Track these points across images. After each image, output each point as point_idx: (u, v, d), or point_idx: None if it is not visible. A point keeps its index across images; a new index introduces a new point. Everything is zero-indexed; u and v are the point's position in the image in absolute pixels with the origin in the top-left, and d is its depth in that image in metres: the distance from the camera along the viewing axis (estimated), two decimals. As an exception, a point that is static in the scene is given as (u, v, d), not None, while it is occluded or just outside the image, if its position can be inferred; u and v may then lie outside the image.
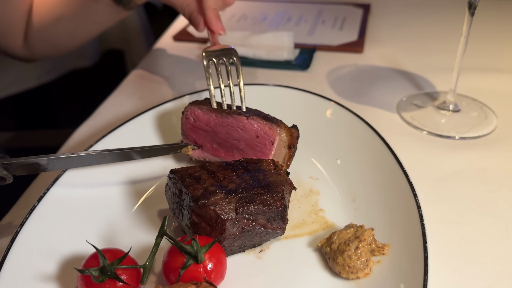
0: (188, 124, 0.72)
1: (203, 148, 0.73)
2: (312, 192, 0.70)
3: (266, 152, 0.69)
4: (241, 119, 0.69)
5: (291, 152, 0.70)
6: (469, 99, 0.95)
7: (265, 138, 0.69)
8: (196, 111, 0.71)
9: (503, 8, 1.41)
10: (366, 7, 1.45)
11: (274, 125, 0.69)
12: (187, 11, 0.87)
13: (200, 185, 0.57)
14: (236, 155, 0.71)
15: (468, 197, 0.71)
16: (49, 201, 0.61)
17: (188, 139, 0.73)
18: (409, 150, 0.81)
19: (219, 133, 0.71)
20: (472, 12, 0.80)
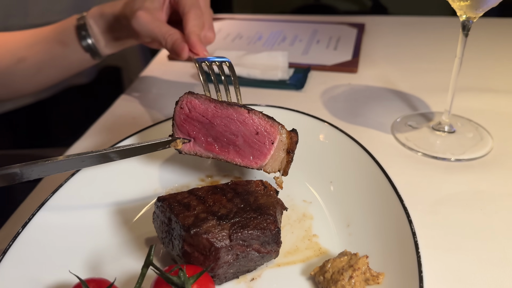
0: (182, 114, 0.66)
1: (196, 142, 0.67)
2: (306, 217, 0.68)
3: (264, 151, 0.65)
4: (242, 112, 0.64)
5: (289, 157, 0.66)
6: (464, 120, 0.94)
7: (265, 136, 0.64)
8: (193, 100, 0.65)
9: (496, 29, 1.41)
10: (360, 27, 1.45)
11: (276, 123, 0.65)
12: (169, 40, 0.85)
13: (190, 213, 0.55)
14: (231, 152, 0.66)
15: (465, 221, 0.70)
16: (34, 227, 0.59)
17: (180, 131, 0.67)
18: (404, 172, 0.80)
19: (216, 126, 0.65)
20: (466, 33, 0.80)
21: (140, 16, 0.86)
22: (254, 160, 0.65)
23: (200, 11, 0.87)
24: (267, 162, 0.66)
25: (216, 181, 0.77)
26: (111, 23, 0.96)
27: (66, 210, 0.65)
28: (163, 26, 0.86)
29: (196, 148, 0.67)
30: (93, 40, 0.97)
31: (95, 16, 0.96)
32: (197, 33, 0.83)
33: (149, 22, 0.86)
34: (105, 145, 0.85)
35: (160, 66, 1.27)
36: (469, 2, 0.74)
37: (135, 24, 0.86)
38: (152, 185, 0.75)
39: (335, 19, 1.57)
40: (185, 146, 0.67)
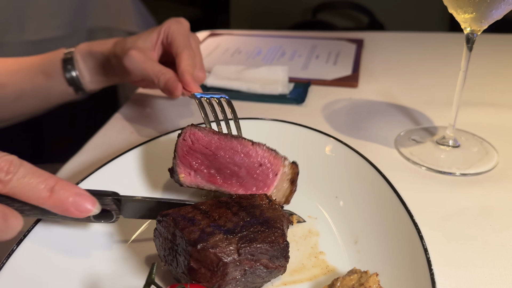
0: (185, 146, 0.65)
1: (198, 174, 0.66)
2: (311, 233, 0.66)
3: (267, 183, 0.66)
4: (246, 144, 0.65)
5: (293, 187, 0.67)
6: (469, 134, 0.93)
7: (269, 167, 0.65)
8: (196, 132, 0.65)
9: (499, 45, 1.42)
10: (359, 42, 1.45)
11: (279, 155, 0.66)
12: (162, 79, 0.85)
13: (195, 227, 0.53)
14: (234, 183, 0.66)
15: (474, 237, 0.68)
16: (28, 245, 0.57)
17: (181, 163, 0.65)
18: (410, 187, 0.79)
19: (219, 158, 0.65)
20: (470, 46, 0.79)
21: (132, 55, 0.87)
22: (257, 192, 0.66)
23: (193, 52, 0.89)
24: (270, 194, 0.66)
25: (217, 195, 0.75)
26: (99, 61, 0.96)
27: (62, 227, 0.62)
28: (155, 65, 0.87)
29: (198, 180, 0.66)
30: (78, 75, 0.97)
31: (83, 53, 0.97)
32: (190, 72, 0.84)
33: (142, 61, 0.87)
34: (100, 161, 0.83)
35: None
36: (473, 15, 0.73)
37: (128, 63, 0.87)
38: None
39: (333, 35, 1.57)
40: (186, 179, 0.66)
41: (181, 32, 0.91)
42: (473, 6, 0.71)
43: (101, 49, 0.95)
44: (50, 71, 0.96)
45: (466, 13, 0.73)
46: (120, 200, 0.60)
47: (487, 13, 0.72)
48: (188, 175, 0.65)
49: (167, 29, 0.91)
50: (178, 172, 0.65)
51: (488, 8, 0.71)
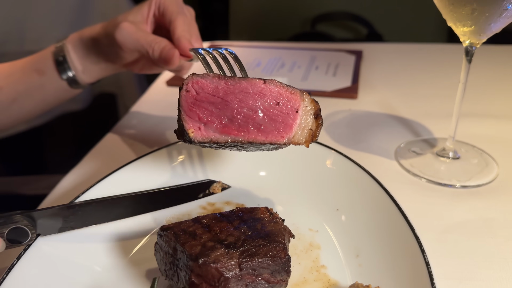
0: (189, 98, 0.57)
1: (209, 127, 0.57)
2: (313, 246, 0.66)
3: (288, 122, 0.58)
4: (258, 83, 0.57)
5: (319, 121, 0.59)
6: (468, 146, 0.93)
7: (287, 104, 0.58)
8: (199, 80, 0.57)
9: (498, 56, 1.43)
10: (358, 53, 1.46)
11: (296, 90, 0.59)
12: (157, 48, 0.80)
13: (196, 241, 0.53)
14: (252, 130, 0.57)
15: (475, 250, 0.68)
16: (29, 261, 0.57)
17: (189, 117, 0.57)
18: (410, 199, 0.78)
19: (230, 104, 0.57)
20: (469, 59, 0.79)
21: (124, 26, 0.82)
22: (280, 134, 0.58)
23: (188, 19, 0.84)
24: (294, 133, 0.59)
25: (218, 208, 0.75)
26: (90, 46, 0.92)
27: (62, 242, 0.62)
28: (148, 35, 0.83)
29: (210, 134, 0.57)
30: (70, 65, 0.93)
31: (74, 41, 0.93)
32: (187, 37, 0.80)
33: (133, 32, 0.82)
34: (102, 173, 0.83)
35: (158, 93, 1.26)
36: (472, 28, 0.74)
37: (119, 35, 0.82)
38: (151, 214, 0.72)
39: (332, 46, 1.58)
40: (196, 134, 0.57)
41: (174, 0, 0.86)
42: (472, 19, 0.72)
43: (90, 32, 0.91)
44: (43, 68, 0.93)
45: (465, 26, 0.74)
46: (31, 215, 0.58)
47: (486, 26, 0.72)
48: (198, 130, 0.57)
49: (158, 0, 0.87)
50: (187, 129, 0.57)
51: (486, 22, 0.71)
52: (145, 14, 0.87)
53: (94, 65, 0.94)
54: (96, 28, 0.90)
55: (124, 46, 0.83)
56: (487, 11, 0.69)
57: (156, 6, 0.87)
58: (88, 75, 0.95)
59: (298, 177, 0.77)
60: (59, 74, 0.93)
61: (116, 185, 0.71)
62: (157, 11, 0.87)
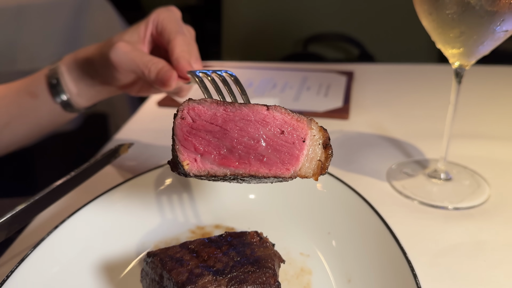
0: (185, 126, 0.52)
1: (205, 158, 0.52)
2: (304, 271, 0.64)
3: (294, 153, 0.52)
4: (260, 110, 0.52)
5: (328, 152, 0.54)
6: (460, 167, 0.93)
7: (293, 134, 0.52)
8: (196, 107, 0.52)
9: (488, 76, 1.44)
10: (349, 74, 1.46)
11: (302, 117, 0.53)
12: (153, 69, 0.76)
13: (184, 268, 0.52)
14: (253, 161, 0.52)
15: (468, 273, 0.67)
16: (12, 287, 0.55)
17: (184, 148, 0.52)
18: (402, 222, 0.78)
19: (229, 133, 0.52)
20: (459, 80, 0.80)
21: (119, 46, 0.78)
22: (285, 166, 0.53)
23: (187, 38, 0.81)
24: (301, 165, 0.53)
25: (207, 232, 0.73)
26: (85, 68, 0.89)
27: (47, 267, 0.60)
28: (144, 55, 0.79)
29: (208, 166, 0.52)
30: (64, 88, 0.89)
31: (68, 63, 0.90)
32: (186, 58, 0.76)
33: (129, 52, 0.78)
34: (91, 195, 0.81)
35: (149, 113, 1.26)
36: (461, 50, 0.74)
37: (114, 56, 0.78)
38: (138, 238, 0.71)
39: (324, 67, 1.59)
40: (192, 166, 0.52)
41: (172, 19, 0.82)
42: (461, 42, 0.72)
43: (86, 54, 0.88)
44: (36, 91, 0.90)
45: (454, 48, 0.74)
46: None
47: (474, 48, 0.73)
48: (194, 162, 0.52)
49: (156, 19, 0.83)
50: (181, 160, 0.51)
51: (475, 44, 0.72)
52: (142, 34, 0.84)
53: (89, 88, 0.91)
54: (91, 49, 0.88)
55: (119, 66, 0.80)
56: (475, 33, 0.70)
57: (153, 25, 0.83)
58: (83, 98, 0.92)
59: (289, 199, 0.76)
60: (53, 98, 0.90)
61: (101, 209, 0.70)
62: (154, 30, 0.84)
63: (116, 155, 0.79)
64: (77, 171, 0.74)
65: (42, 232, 0.72)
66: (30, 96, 0.90)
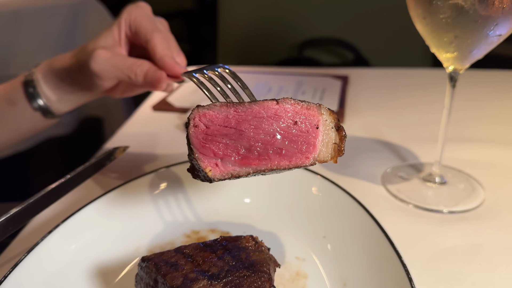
0: (200, 133, 0.52)
1: (226, 161, 0.53)
2: (299, 275, 0.64)
3: (310, 140, 0.53)
4: (270, 105, 0.53)
5: (341, 133, 0.54)
6: (455, 171, 0.93)
7: (306, 122, 0.53)
8: (207, 113, 0.52)
9: (482, 80, 1.45)
10: (344, 78, 1.47)
11: (312, 104, 0.54)
12: (139, 72, 0.75)
13: (178, 273, 0.51)
14: (273, 156, 0.53)
15: (464, 277, 0.67)
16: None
17: (203, 155, 0.52)
18: (398, 225, 0.78)
19: (245, 132, 0.52)
20: (453, 84, 0.80)
21: (98, 55, 0.76)
22: (304, 155, 0.53)
23: (164, 33, 0.79)
24: (319, 151, 0.54)
25: (203, 236, 0.73)
26: (62, 76, 0.86)
27: (41, 272, 0.60)
28: (126, 59, 0.77)
29: (230, 169, 0.53)
30: (42, 96, 0.87)
31: (44, 71, 0.87)
32: (170, 55, 0.75)
33: (110, 58, 0.77)
34: (84, 201, 0.81)
35: (144, 117, 1.25)
36: (455, 55, 0.74)
37: (95, 65, 0.76)
38: (133, 243, 0.70)
39: (319, 71, 1.59)
40: (215, 172, 0.52)
41: (145, 16, 0.80)
42: (455, 46, 0.73)
43: (62, 62, 0.85)
44: (13, 98, 0.88)
45: (448, 52, 0.75)
46: None
47: (468, 53, 0.73)
48: (216, 167, 0.52)
49: (127, 18, 0.81)
50: (203, 168, 0.52)
51: (468, 48, 0.72)
52: (117, 36, 0.82)
53: (70, 95, 0.89)
54: (66, 58, 0.86)
55: (102, 75, 0.78)
56: (469, 38, 0.70)
57: (126, 26, 0.81)
58: (64, 104, 0.90)
59: (284, 204, 0.76)
60: (31, 105, 0.88)
61: (95, 215, 0.70)
62: (128, 31, 0.82)
63: (111, 158, 0.79)
64: (72, 174, 0.74)
65: (36, 236, 0.72)
66: (8, 103, 0.88)
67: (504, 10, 0.66)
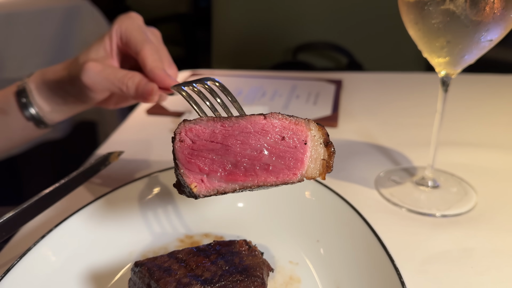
0: (185, 149, 0.51)
1: (212, 177, 0.52)
2: (293, 280, 0.64)
3: (298, 156, 0.52)
4: (258, 120, 0.52)
5: (330, 149, 0.53)
6: (447, 175, 0.94)
7: (294, 137, 0.52)
8: (193, 127, 0.51)
9: (475, 82, 1.46)
10: (338, 83, 1.48)
11: (300, 119, 0.53)
12: (131, 84, 0.74)
13: (171, 278, 0.51)
14: (260, 172, 0.52)
15: (456, 280, 0.67)
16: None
17: (188, 170, 0.51)
18: (391, 229, 0.78)
19: (231, 148, 0.52)
20: (445, 89, 0.81)
21: (89, 67, 0.76)
22: (291, 171, 0.53)
23: (155, 45, 0.79)
24: (306, 167, 0.53)
25: (196, 241, 0.73)
26: (54, 88, 0.86)
27: (33, 278, 0.59)
28: (118, 71, 0.77)
29: (215, 185, 0.52)
30: (35, 106, 0.87)
31: (37, 82, 0.87)
32: (160, 67, 0.74)
33: (101, 71, 0.76)
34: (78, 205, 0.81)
35: (138, 121, 1.25)
36: (447, 59, 0.75)
37: (86, 78, 0.76)
38: (126, 248, 0.70)
39: (313, 75, 1.60)
40: (200, 188, 0.51)
41: (135, 27, 0.80)
42: (446, 51, 0.73)
43: (54, 74, 0.85)
44: (6, 108, 0.87)
45: (440, 57, 0.75)
46: None
47: (460, 57, 0.74)
48: (201, 183, 0.51)
49: (118, 29, 0.80)
50: (188, 183, 0.51)
51: (460, 53, 0.73)
52: (108, 48, 0.82)
53: (62, 106, 0.88)
54: (59, 69, 0.85)
55: (94, 87, 0.78)
56: (461, 43, 0.71)
57: (117, 37, 0.81)
58: (57, 114, 0.90)
59: (278, 208, 0.76)
60: (23, 115, 0.88)
61: (89, 219, 0.69)
62: (119, 42, 0.81)
63: (106, 163, 0.78)
64: (66, 179, 0.74)
65: (29, 242, 0.72)
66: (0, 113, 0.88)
67: (494, 15, 0.66)
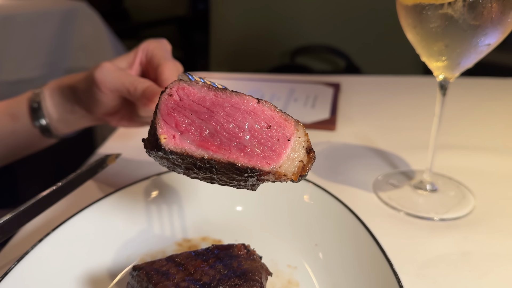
0: (171, 102, 0.51)
1: (185, 136, 0.50)
2: (291, 284, 0.64)
3: (278, 149, 0.51)
4: (250, 100, 0.51)
5: (311, 155, 0.53)
6: (446, 178, 0.94)
7: (279, 130, 0.51)
8: (186, 87, 0.51)
9: (473, 86, 1.47)
10: (336, 86, 1.48)
11: (290, 118, 0.52)
12: (140, 86, 0.76)
13: (170, 282, 0.51)
14: (234, 149, 0.50)
15: (454, 284, 0.67)
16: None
17: (165, 122, 0.51)
18: (389, 233, 0.78)
19: (215, 116, 0.50)
20: (444, 93, 0.81)
21: (104, 65, 0.79)
22: (265, 160, 0.51)
23: (177, 65, 0.82)
24: (282, 163, 0.52)
25: (194, 245, 0.73)
26: (67, 93, 0.89)
27: (31, 281, 0.59)
28: (130, 75, 0.80)
29: (185, 145, 0.50)
30: (44, 113, 0.90)
31: (52, 88, 0.90)
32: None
33: (114, 70, 0.79)
34: (75, 208, 0.81)
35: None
36: (445, 63, 0.75)
37: (98, 74, 0.78)
38: (124, 251, 0.70)
39: (311, 78, 1.60)
40: (169, 141, 0.50)
41: (163, 48, 0.84)
42: (444, 55, 0.73)
43: (70, 79, 0.89)
44: (16, 113, 0.90)
45: (438, 61, 0.76)
46: None
47: (458, 61, 0.74)
48: (172, 138, 0.50)
49: (145, 47, 0.85)
50: (159, 133, 0.50)
51: (458, 57, 0.73)
52: (131, 61, 0.86)
53: (70, 114, 0.91)
54: (78, 75, 0.89)
55: (103, 85, 0.79)
56: (459, 47, 0.71)
57: (143, 53, 0.85)
58: (64, 124, 0.93)
59: (276, 211, 0.76)
60: (32, 121, 0.90)
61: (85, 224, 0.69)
62: (144, 58, 0.85)
63: (103, 165, 0.78)
64: (64, 182, 0.73)
65: (27, 245, 0.71)
66: (10, 117, 0.90)
67: (492, 19, 0.67)
